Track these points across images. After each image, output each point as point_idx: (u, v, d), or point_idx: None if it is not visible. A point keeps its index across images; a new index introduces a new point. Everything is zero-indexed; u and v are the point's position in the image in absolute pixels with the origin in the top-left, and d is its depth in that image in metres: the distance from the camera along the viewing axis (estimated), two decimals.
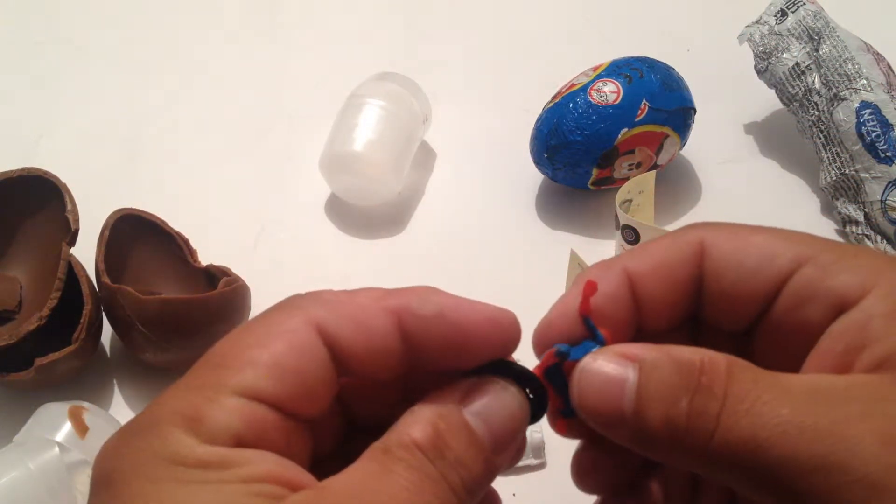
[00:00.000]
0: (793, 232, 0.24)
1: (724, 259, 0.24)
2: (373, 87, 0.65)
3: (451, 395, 0.23)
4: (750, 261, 0.24)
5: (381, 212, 0.65)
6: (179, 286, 0.58)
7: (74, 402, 0.49)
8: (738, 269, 0.24)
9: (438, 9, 0.82)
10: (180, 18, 0.82)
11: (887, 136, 0.59)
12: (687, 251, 0.25)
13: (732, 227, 0.25)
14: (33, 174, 0.56)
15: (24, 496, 0.44)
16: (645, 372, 0.22)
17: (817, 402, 0.20)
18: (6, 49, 0.79)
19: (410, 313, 0.23)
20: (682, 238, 0.25)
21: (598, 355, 0.23)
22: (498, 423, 0.23)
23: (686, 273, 0.25)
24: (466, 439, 0.22)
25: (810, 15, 0.64)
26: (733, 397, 0.21)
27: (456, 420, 0.22)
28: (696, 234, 0.25)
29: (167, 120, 0.73)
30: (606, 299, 0.25)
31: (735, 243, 0.24)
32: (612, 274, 0.25)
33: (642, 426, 0.22)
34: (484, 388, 0.23)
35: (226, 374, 0.21)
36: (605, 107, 0.59)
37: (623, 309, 0.25)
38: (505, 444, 0.23)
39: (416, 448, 0.22)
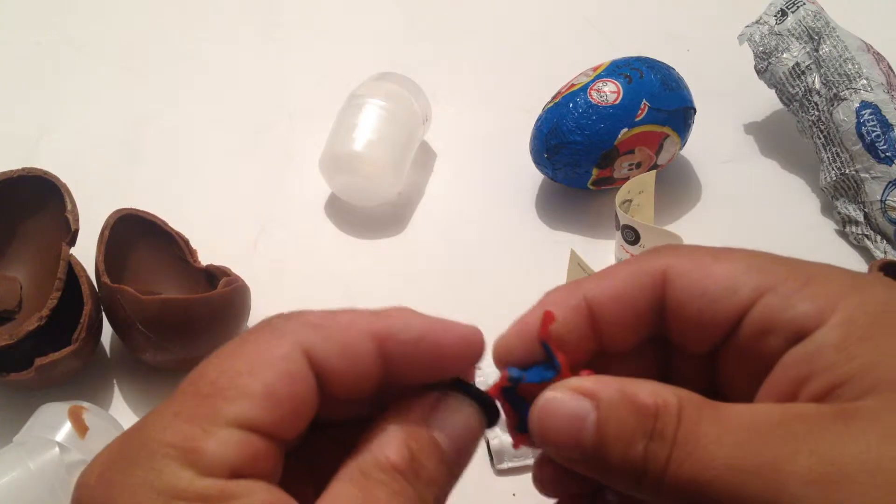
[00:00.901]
0: (759, 257, 0.24)
1: (687, 289, 0.24)
2: (373, 87, 0.65)
3: (417, 411, 0.24)
4: (711, 291, 0.24)
5: (381, 212, 0.65)
6: (179, 286, 0.58)
7: (74, 402, 0.49)
8: (700, 299, 0.24)
9: (438, 9, 0.82)
10: (180, 18, 0.82)
11: (887, 136, 0.59)
12: (648, 281, 0.25)
13: (696, 254, 0.25)
14: (33, 174, 0.56)
15: (24, 496, 0.44)
16: (603, 411, 0.23)
17: (752, 439, 0.21)
18: (6, 49, 0.79)
19: (393, 339, 0.23)
20: (644, 266, 0.25)
21: (557, 390, 0.24)
22: (460, 438, 0.24)
23: (647, 303, 0.25)
24: (437, 457, 0.23)
25: (810, 15, 0.64)
26: (681, 441, 0.22)
27: (426, 439, 0.23)
28: (659, 262, 0.25)
29: (167, 120, 0.73)
30: (564, 327, 0.25)
31: (697, 273, 0.24)
32: (572, 301, 0.25)
33: (601, 461, 0.23)
34: (447, 404, 0.24)
35: (219, 403, 0.21)
36: (605, 107, 0.59)
37: (580, 336, 0.26)
38: (466, 458, 0.24)
39: (394, 471, 0.22)
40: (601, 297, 0.25)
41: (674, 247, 0.25)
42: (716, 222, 0.64)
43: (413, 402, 0.24)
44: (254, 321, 0.57)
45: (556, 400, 0.24)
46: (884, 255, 0.60)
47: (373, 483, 0.22)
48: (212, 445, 0.20)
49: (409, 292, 0.60)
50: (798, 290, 0.23)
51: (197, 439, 0.21)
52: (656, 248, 0.26)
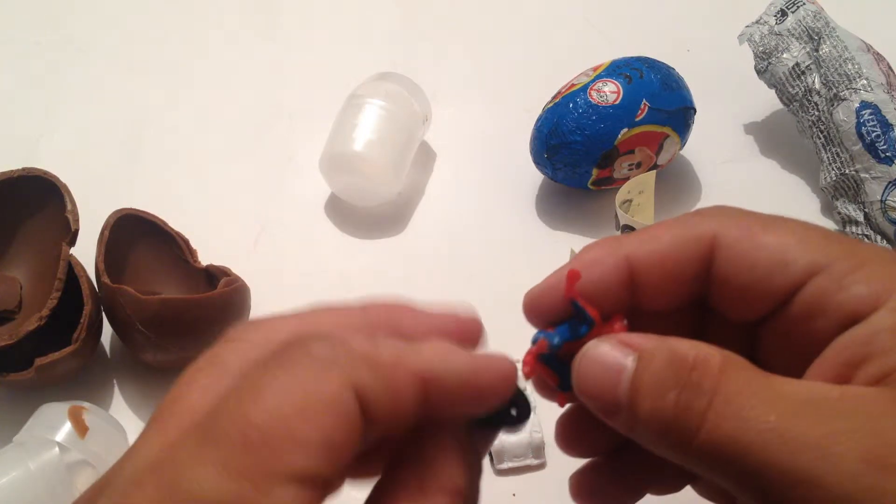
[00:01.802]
0: (811, 230, 0.23)
1: (736, 260, 0.23)
2: (373, 87, 0.65)
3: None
4: (762, 265, 0.23)
5: (381, 212, 0.65)
6: (179, 286, 0.58)
7: (74, 402, 0.49)
8: (750, 272, 0.23)
9: (438, 9, 0.82)
10: (180, 18, 0.82)
11: (887, 136, 0.59)
12: (695, 248, 0.24)
13: (746, 221, 0.24)
14: (33, 174, 0.56)
15: (24, 496, 0.44)
16: (642, 362, 0.22)
17: (807, 412, 0.20)
18: (6, 49, 0.79)
19: (437, 382, 0.22)
20: (692, 231, 0.24)
21: (602, 342, 0.23)
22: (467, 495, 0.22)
23: (691, 269, 0.24)
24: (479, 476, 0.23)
25: (810, 15, 0.64)
26: (722, 396, 0.21)
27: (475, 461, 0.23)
28: (707, 227, 0.24)
29: (167, 120, 0.73)
30: (599, 285, 0.24)
31: (748, 244, 0.23)
32: (611, 260, 0.24)
33: (634, 414, 0.22)
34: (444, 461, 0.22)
35: (274, 457, 0.19)
36: (605, 107, 0.59)
37: (615, 296, 0.25)
38: None
39: (459, 496, 0.21)
40: (644, 260, 0.24)
41: (723, 210, 0.24)
42: None
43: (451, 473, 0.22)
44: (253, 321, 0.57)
45: (598, 351, 0.23)
46: None
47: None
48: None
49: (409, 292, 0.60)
50: (852, 271, 0.22)
51: (250, 500, 0.18)
52: (704, 210, 0.24)
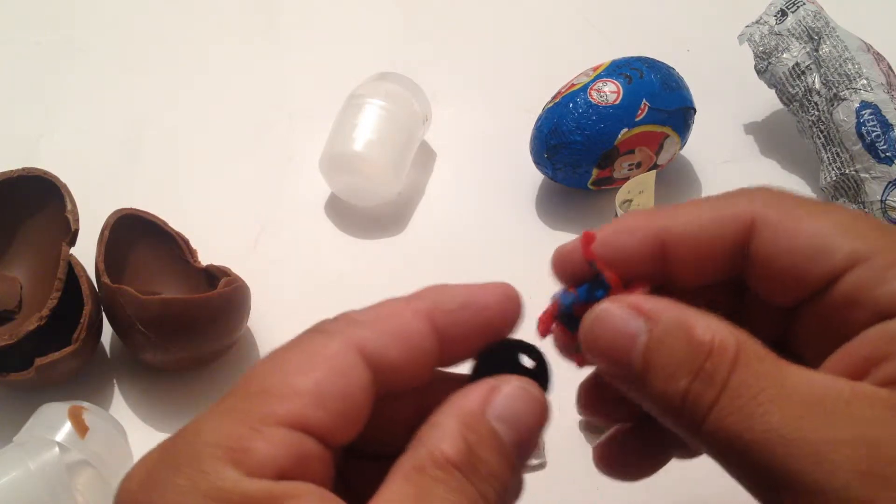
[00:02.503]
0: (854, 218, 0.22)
1: (775, 244, 0.22)
2: (373, 87, 0.65)
3: (473, 400, 0.22)
4: (802, 251, 0.22)
5: (381, 212, 0.65)
6: (179, 286, 0.58)
7: (74, 402, 0.49)
8: (788, 257, 0.22)
9: (438, 9, 0.82)
10: (180, 18, 0.82)
11: (887, 136, 0.59)
12: (733, 228, 0.23)
13: (787, 204, 0.23)
14: (33, 174, 0.56)
15: (24, 496, 0.44)
16: (655, 337, 0.22)
17: (812, 414, 0.20)
18: (6, 49, 0.79)
19: (440, 310, 0.23)
20: (731, 210, 0.23)
21: (613, 303, 0.23)
22: (522, 426, 0.22)
23: (728, 250, 0.23)
24: (497, 450, 0.21)
25: (810, 15, 0.64)
26: (731, 390, 0.21)
27: (485, 430, 0.22)
28: (747, 207, 0.23)
29: (167, 120, 0.73)
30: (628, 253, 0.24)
31: (788, 228, 0.22)
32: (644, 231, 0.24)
33: (644, 388, 0.22)
34: (505, 390, 0.22)
35: (269, 402, 0.20)
36: (605, 107, 0.59)
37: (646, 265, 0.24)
38: (529, 447, 0.22)
39: (451, 467, 0.21)
40: (677, 234, 0.23)
41: (765, 190, 0.23)
42: None
43: (469, 390, 0.22)
44: (254, 321, 0.57)
45: (609, 313, 0.23)
46: None
47: (428, 480, 0.20)
48: (260, 445, 0.20)
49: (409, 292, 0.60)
50: (893, 265, 0.21)
51: (244, 438, 0.20)
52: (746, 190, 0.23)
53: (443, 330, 0.23)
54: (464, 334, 0.23)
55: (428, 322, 0.23)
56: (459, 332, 0.23)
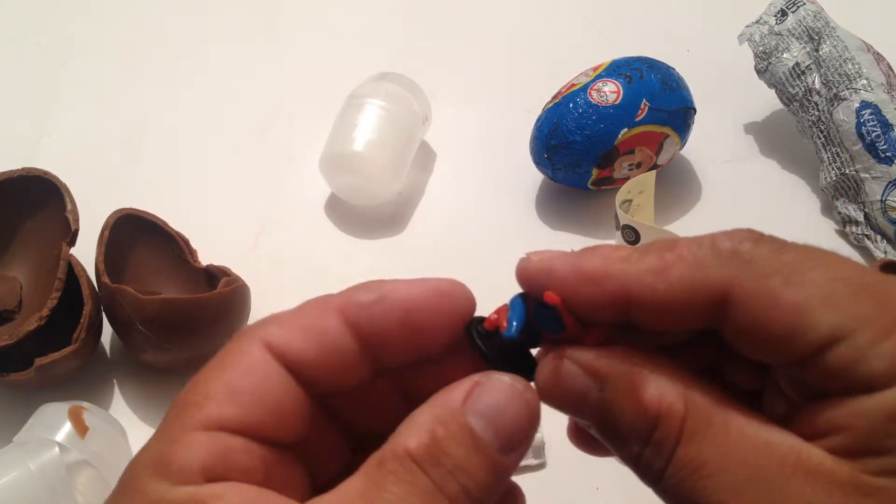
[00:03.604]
0: (839, 281, 0.21)
1: (750, 318, 0.21)
2: (373, 87, 0.65)
3: (452, 396, 0.22)
4: (778, 328, 0.21)
5: (381, 212, 0.65)
6: (179, 286, 0.58)
7: (74, 402, 0.49)
8: (764, 333, 0.21)
9: (438, 9, 0.82)
10: (180, 18, 0.82)
11: (887, 136, 0.59)
12: (705, 299, 0.21)
13: (761, 269, 0.21)
14: (33, 174, 0.56)
15: (24, 496, 0.44)
16: (605, 399, 0.22)
17: (753, 484, 0.20)
18: (6, 49, 0.79)
19: (353, 305, 0.23)
20: (702, 276, 0.21)
21: (565, 360, 0.23)
22: (506, 421, 0.22)
23: (698, 317, 0.22)
24: (468, 444, 0.21)
25: (810, 15, 0.64)
26: (677, 462, 0.21)
27: (457, 424, 0.21)
28: (719, 273, 0.21)
29: (167, 120, 0.73)
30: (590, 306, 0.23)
31: (764, 302, 0.21)
32: (608, 287, 0.22)
33: (602, 436, 0.23)
34: (488, 385, 0.22)
35: (186, 413, 0.21)
36: (605, 107, 0.59)
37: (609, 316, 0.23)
38: (515, 444, 0.22)
39: (408, 458, 0.20)
40: (644, 299, 0.22)
41: (741, 253, 0.21)
42: (716, 222, 0.64)
43: (454, 385, 0.22)
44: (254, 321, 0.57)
45: (561, 372, 0.23)
46: (884, 255, 0.60)
47: (383, 472, 0.20)
48: (179, 452, 0.20)
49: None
50: (877, 340, 0.20)
51: (166, 450, 0.21)
52: (721, 248, 0.22)
53: (358, 325, 0.23)
54: (387, 331, 0.23)
55: (339, 317, 0.23)
56: (377, 327, 0.23)
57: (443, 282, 0.24)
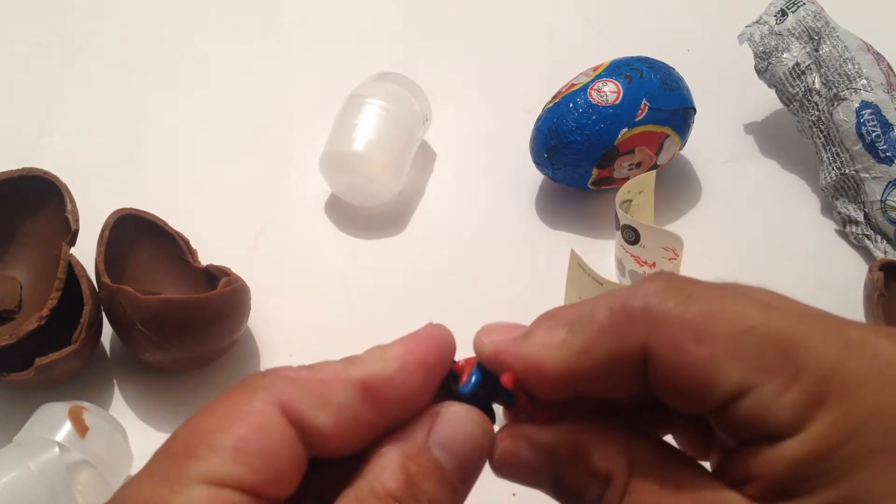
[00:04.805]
0: (740, 334, 0.21)
1: (664, 376, 0.22)
2: (373, 87, 0.65)
3: (416, 430, 0.23)
4: (688, 385, 0.22)
5: (381, 212, 0.65)
6: (179, 286, 0.58)
7: (74, 402, 0.49)
8: (677, 389, 0.22)
9: (438, 9, 0.82)
10: (180, 18, 0.82)
11: (887, 136, 0.59)
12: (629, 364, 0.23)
13: (677, 327, 0.22)
14: (33, 174, 0.56)
15: (24, 496, 0.44)
16: (559, 467, 0.24)
17: None
18: (6, 49, 0.79)
19: (377, 379, 0.23)
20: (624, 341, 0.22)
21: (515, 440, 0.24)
22: (463, 451, 0.23)
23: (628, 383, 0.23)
24: (436, 477, 0.23)
25: (810, 15, 0.64)
26: None
27: (425, 460, 0.23)
28: (638, 336, 0.22)
29: (167, 120, 0.73)
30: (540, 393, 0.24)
31: (674, 360, 0.22)
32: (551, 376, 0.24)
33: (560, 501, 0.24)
34: (446, 418, 0.24)
35: (188, 462, 0.21)
36: (605, 107, 0.59)
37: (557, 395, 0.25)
38: (472, 471, 0.24)
39: (390, 498, 0.22)
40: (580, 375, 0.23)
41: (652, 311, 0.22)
42: (716, 222, 0.64)
43: (415, 420, 0.24)
44: (254, 321, 0.57)
45: (514, 450, 0.24)
46: (884, 255, 0.60)
47: None
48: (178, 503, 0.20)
49: (409, 292, 0.60)
50: (780, 392, 0.21)
51: (163, 500, 0.20)
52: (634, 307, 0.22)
53: (380, 395, 0.23)
54: (405, 394, 0.23)
55: (360, 391, 0.23)
56: (400, 393, 0.23)
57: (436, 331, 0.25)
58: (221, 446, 0.21)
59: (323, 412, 0.22)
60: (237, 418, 0.22)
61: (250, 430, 0.21)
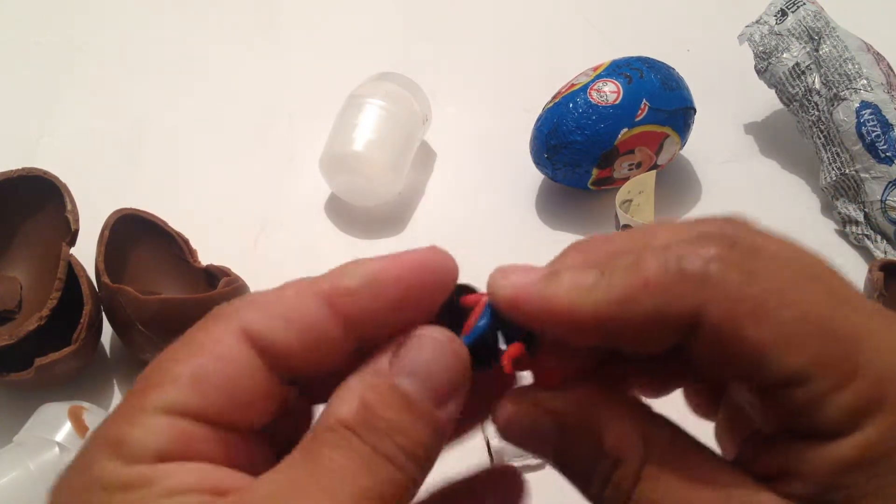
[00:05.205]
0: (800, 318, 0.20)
1: (713, 347, 0.21)
2: (373, 87, 0.65)
3: (379, 360, 0.22)
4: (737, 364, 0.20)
5: (381, 212, 0.65)
6: (179, 286, 0.58)
7: (74, 402, 0.49)
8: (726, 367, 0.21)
9: (438, 9, 0.82)
10: (180, 18, 0.82)
11: (887, 136, 0.59)
12: (675, 326, 0.21)
13: (731, 294, 0.20)
14: (33, 174, 0.56)
15: (24, 496, 0.44)
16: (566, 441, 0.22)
17: None
18: (6, 49, 0.79)
19: (341, 292, 0.22)
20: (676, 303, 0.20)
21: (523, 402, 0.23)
22: (434, 375, 0.22)
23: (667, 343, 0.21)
24: (399, 405, 0.21)
25: (810, 15, 0.64)
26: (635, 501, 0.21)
27: (386, 387, 0.21)
28: (692, 299, 0.20)
29: (167, 120, 0.73)
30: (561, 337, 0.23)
31: (728, 334, 0.20)
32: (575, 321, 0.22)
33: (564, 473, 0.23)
34: (409, 344, 0.22)
35: (147, 394, 0.21)
36: (605, 107, 0.59)
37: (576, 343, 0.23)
38: (447, 395, 0.22)
39: (341, 426, 0.20)
40: (617, 330, 0.21)
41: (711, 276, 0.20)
42: None
43: (379, 350, 0.22)
44: None
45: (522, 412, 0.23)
46: (884, 255, 0.60)
47: (318, 444, 0.20)
48: (136, 434, 0.20)
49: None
50: (835, 389, 0.20)
51: (122, 431, 0.21)
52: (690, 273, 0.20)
53: (346, 312, 0.22)
54: (375, 314, 0.22)
55: (327, 305, 0.22)
56: (366, 312, 0.22)
57: (427, 254, 0.23)
58: (179, 376, 0.21)
59: (287, 330, 0.22)
60: (197, 348, 0.22)
61: (208, 358, 0.21)
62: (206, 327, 0.22)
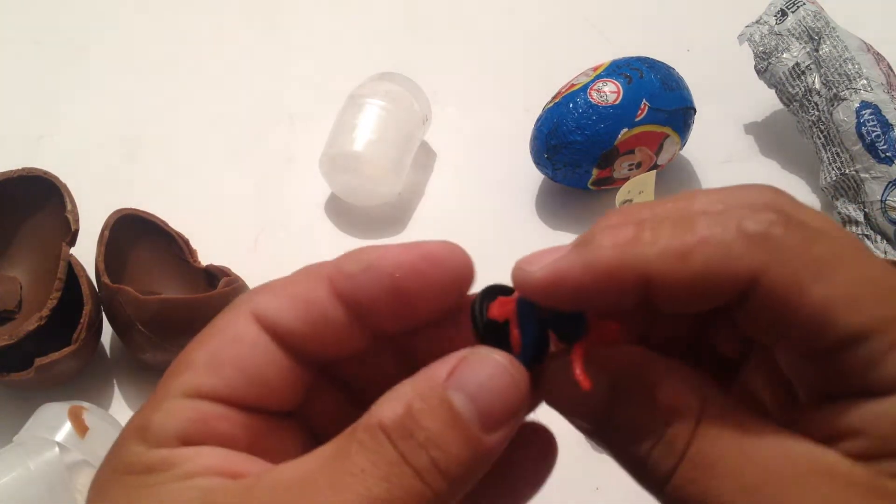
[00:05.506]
0: (870, 281, 0.20)
1: (773, 312, 0.20)
2: (373, 87, 0.65)
3: (436, 370, 0.21)
4: (799, 325, 0.20)
5: (381, 212, 0.65)
6: (179, 286, 0.58)
7: (74, 402, 0.49)
8: (785, 328, 0.20)
9: (438, 9, 0.82)
10: (180, 18, 0.82)
11: (887, 136, 0.59)
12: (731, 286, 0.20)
13: (794, 258, 0.20)
14: (33, 174, 0.56)
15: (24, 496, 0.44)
16: (618, 398, 0.22)
17: (767, 489, 0.20)
18: (6, 49, 0.79)
19: (341, 274, 0.22)
20: (733, 262, 0.20)
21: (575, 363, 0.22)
22: (490, 398, 0.21)
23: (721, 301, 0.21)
24: (445, 418, 0.20)
25: (810, 15, 0.64)
26: (689, 460, 0.20)
27: (436, 398, 0.20)
28: (752, 262, 0.20)
29: (167, 120, 0.73)
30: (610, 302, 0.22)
31: (791, 296, 0.20)
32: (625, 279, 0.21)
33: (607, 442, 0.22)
34: (473, 360, 0.21)
35: (170, 381, 0.22)
36: (605, 107, 0.59)
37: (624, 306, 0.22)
38: (499, 422, 0.21)
39: (378, 429, 0.20)
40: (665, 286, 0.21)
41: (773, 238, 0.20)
42: None
43: (441, 359, 0.21)
44: None
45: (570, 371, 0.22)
46: (884, 255, 0.60)
47: (350, 441, 0.20)
48: (157, 418, 0.21)
49: None
50: (893, 346, 0.20)
51: (146, 416, 0.21)
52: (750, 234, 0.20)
53: (346, 295, 0.22)
54: (377, 301, 0.22)
55: (328, 287, 0.22)
56: (365, 296, 0.22)
57: (435, 246, 0.23)
58: (196, 360, 0.22)
59: (291, 310, 0.22)
60: (213, 333, 0.23)
61: (222, 340, 0.22)
62: (224, 314, 0.23)
